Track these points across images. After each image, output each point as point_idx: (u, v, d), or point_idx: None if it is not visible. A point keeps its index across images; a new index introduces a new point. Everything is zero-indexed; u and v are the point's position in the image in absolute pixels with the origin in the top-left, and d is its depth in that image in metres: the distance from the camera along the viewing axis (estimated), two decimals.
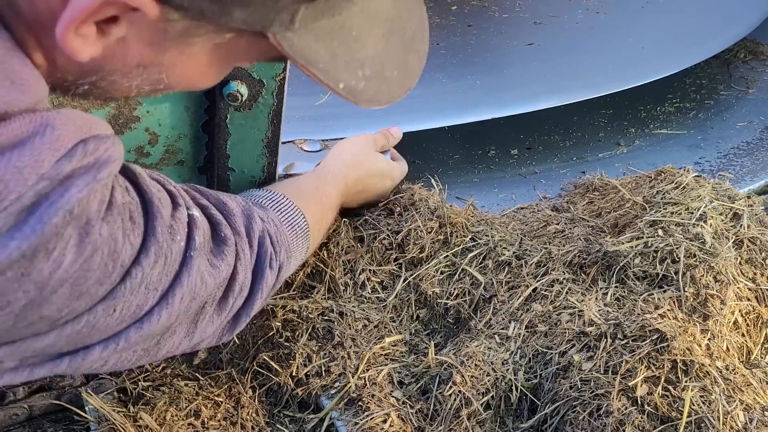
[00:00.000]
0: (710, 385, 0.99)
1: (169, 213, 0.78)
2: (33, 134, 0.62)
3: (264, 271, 0.95)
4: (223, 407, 1.16)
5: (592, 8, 2.14)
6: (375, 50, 0.71)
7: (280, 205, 1.08)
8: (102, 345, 0.76)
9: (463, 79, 1.74)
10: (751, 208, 1.26)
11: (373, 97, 0.73)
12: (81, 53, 0.62)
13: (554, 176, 1.63)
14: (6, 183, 0.60)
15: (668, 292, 1.12)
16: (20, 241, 0.62)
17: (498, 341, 1.13)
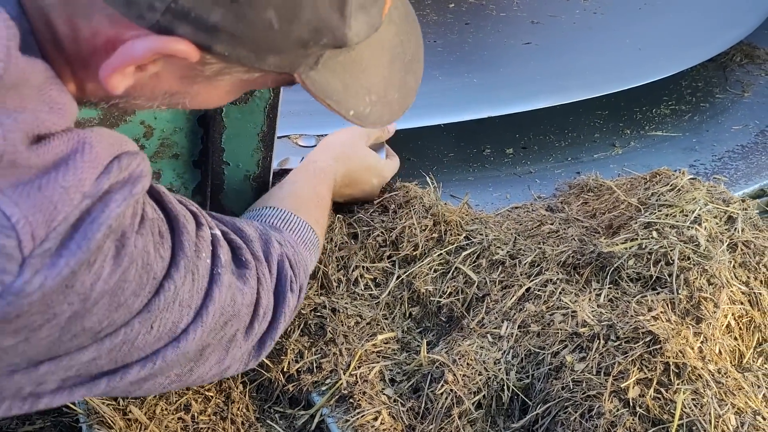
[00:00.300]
0: (702, 388, 0.99)
1: (194, 230, 0.80)
2: (73, 152, 0.65)
3: (285, 295, 0.96)
4: (213, 402, 1.16)
5: (589, 8, 2.14)
6: (380, 77, 0.77)
7: (292, 223, 1.09)
8: (140, 364, 0.78)
9: (460, 77, 1.74)
10: (745, 211, 1.26)
11: (377, 120, 0.78)
12: (118, 89, 0.66)
13: (549, 176, 1.63)
14: (55, 204, 0.63)
15: (662, 294, 1.12)
16: (68, 258, 0.64)
17: (490, 340, 1.13)
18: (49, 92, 0.64)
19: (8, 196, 0.61)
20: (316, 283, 1.24)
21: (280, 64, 0.68)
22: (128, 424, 1.10)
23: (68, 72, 0.68)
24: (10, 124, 0.60)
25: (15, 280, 0.62)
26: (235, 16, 0.62)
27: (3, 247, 0.61)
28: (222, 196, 1.22)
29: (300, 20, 0.64)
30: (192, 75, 0.68)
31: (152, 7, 0.60)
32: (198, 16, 0.61)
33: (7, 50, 0.59)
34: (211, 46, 0.63)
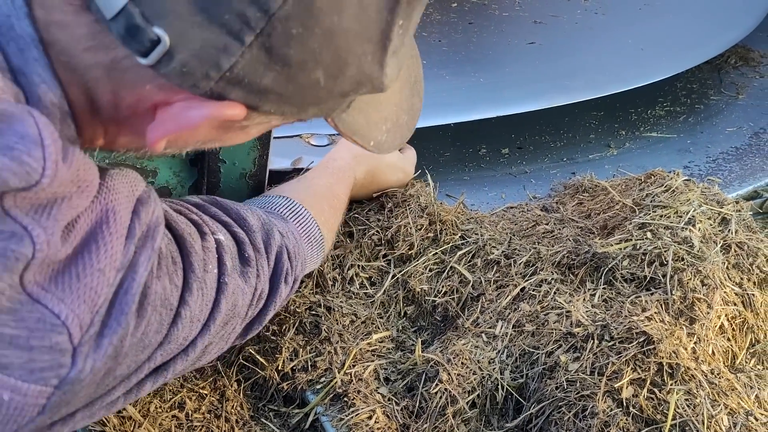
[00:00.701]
0: (695, 388, 1.00)
1: (200, 245, 0.82)
2: (99, 224, 0.67)
3: (279, 285, 0.97)
4: (207, 400, 1.15)
5: (590, 9, 2.15)
6: (394, 105, 0.79)
7: (299, 216, 1.10)
8: (152, 379, 0.80)
9: (467, 76, 1.75)
10: (739, 213, 1.27)
11: (391, 146, 0.81)
12: (159, 148, 0.68)
13: (544, 176, 1.63)
14: (95, 289, 0.65)
15: (656, 294, 1.12)
16: (110, 336, 0.67)
17: (485, 340, 1.13)
18: (78, 173, 0.65)
19: (52, 292, 0.63)
20: (311, 281, 1.24)
21: (318, 113, 0.71)
22: (122, 421, 1.10)
23: (101, 130, 0.69)
24: (52, 225, 0.62)
25: (70, 371, 0.64)
26: (286, 79, 0.63)
27: (57, 344, 0.63)
28: (218, 194, 1.22)
29: (345, 76, 0.66)
30: (229, 126, 0.68)
31: (207, 76, 0.61)
32: (251, 81, 0.62)
33: (55, 165, 0.61)
34: (260, 106, 0.65)
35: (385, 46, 0.66)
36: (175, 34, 0.60)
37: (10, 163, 0.58)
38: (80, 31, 0.62)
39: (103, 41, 0.62)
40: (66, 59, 0.63)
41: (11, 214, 0.59)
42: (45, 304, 0.62)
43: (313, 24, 0.61)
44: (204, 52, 0.60)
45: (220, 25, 0.59)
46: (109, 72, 0.64)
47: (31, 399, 0.63)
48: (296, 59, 0.62)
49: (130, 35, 0.60)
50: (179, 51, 0.60)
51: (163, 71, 0.61)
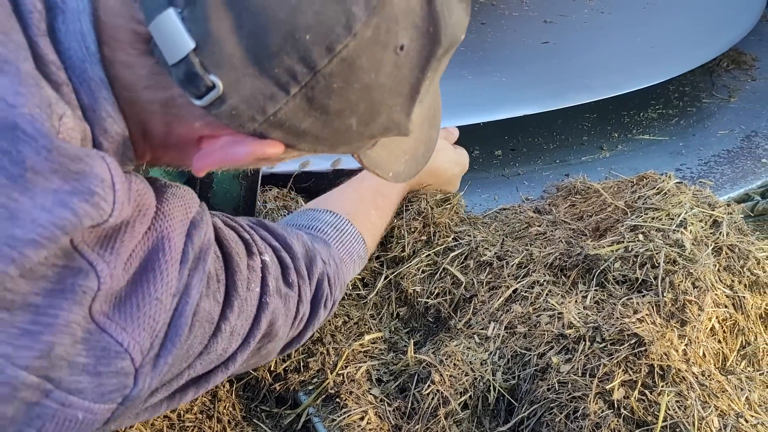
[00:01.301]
0: (686, 390, 1.00)
1: (246, 264, 0.86)
2: (155, 251, 0.72)
3: (319, 310, 1.01)
4: (199, 400, 1.15)
5: (596, 8, 2.17)
6: (414, 139, 0.85)
7: (343, 234, 1.13)
8: (194, 390, 0.84)
9: (488, 76, 1.77)
10: (730, 215, 1.27)
11: (407, 176, 0.88)
12: (203, 173, 0.75)
13: (537, 178, 1.64)
14: (154, 317, 0.71)
15: (647, 296, 1.12)
16: (166, 357, 0.73)
17: (477, 341, 1.13)
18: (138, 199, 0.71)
19: (116, 321, 0.68)
20: None
21: (347, 151, 0.77)
22: None
23: (150, 152, 0.76)
24: (114, 260, 0.67)
25: (132, 390, 0.71)
26: (323, 124, 0.70)
27: (121, 369, 0.69)
28: (211, 194, 1.22)
29: (375, 123, 0.73)
30: (267, 158, 0.74)
31: (253, 119, 0.68)
32: (291, 125, 0.69)
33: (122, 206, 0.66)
34: (296, 145, 0.72)
35: (414, 98, 0.73)
36: (228, 82, 0.66)
37: (90, 209, 0.63)
38: (142, 72, 0.68)
39: (162, 82, 0.68)
40: (128, 94, 0.69)
41: (80, 250, 0.65)
42: (110, 333, 0.68)
43: (354, 80, 0.67)
44: (252, 98, 0.66)
45: (269, 77, 0.65)
46: (164, 108, 0.70)
47: (99, 416, 0.70)
48: (334, 108, 0.69)
49: (188, 80, 0.66)
50: (230, 97, 0.66)
51: (213, 112, 0.67)
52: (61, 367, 0.65)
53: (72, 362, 0.66)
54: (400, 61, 0.68)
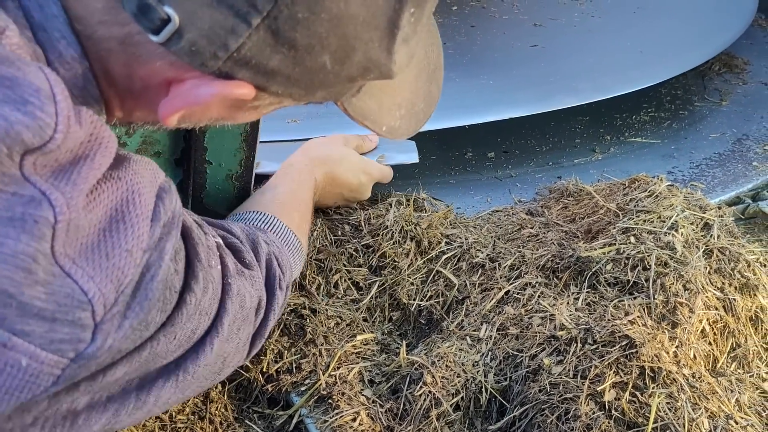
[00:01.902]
0: (677, 392, 1.01)
1: (204, 240, 0.81)
2: (124, 203, 0.67)
3: (275, 293, 0.97)
4: (191, 401, 1.15)
5: (587, 12, 2.17)
6: (409, 91, 0.80)
7: (275, 227, 1.10)
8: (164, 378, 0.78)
9: (476, 79, 1.77)
10: (721, 218, 1.28)
11: (405, 132, 0.82)
12: (174, 123, 0.69)
13: (530, 180, 1.64)
14: (122, 269, 0.65)
15: (638, 299, 1.13)
16: (131, 319, 0.67)
17: (469, 343, 1.14)
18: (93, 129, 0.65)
19: (83, 268, 0.63)
20: (295, 285, 1.24)
21: (327, 96, 0.72)
22: None
23: (117, 102, 0.71)
24: (70, 190, 0.62)
25: (88, 346, 0.65)
26: (293, 62, 0.65)
27: (79, 320, 0.63)
28: (204, 195, 1.21)
29: (351, 61, 0.67)
30: (240, 105, 0.70)
31: (215, 56, 0.63)
32: (258, 62, 0.64)
33: (67, 120, 0.61)
34: (268, 87, 0.67)
35: (393, 34, 0.67)
36: (184, 14, 0.61)
37: (24, 118, 0.58)
38: (96, 5, 0.64)
39: (118, 17, 0.64)
40: (81, 27, 0.64)
41: (30, 179, 0.60)
42: (76, 279, 0.63)
43: (320, 9, 0.62)
44: (212, 32, 0.62)
45: (228, 7, 0.61)
46: (123, 46, 0.65)
47: (46, 368, 0.63)
48: (302, 43, 0.64)
49: (142, 13, 0.62)
50: (188, 30, 0.62)
51: (173, 49, 0.63)
52: (7, 304, 0.60)
53: (23, 303, 0.60)
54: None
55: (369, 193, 1.37)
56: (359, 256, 1.29)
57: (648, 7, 2.21)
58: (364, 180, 1.35)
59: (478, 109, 1.63)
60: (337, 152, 1.33)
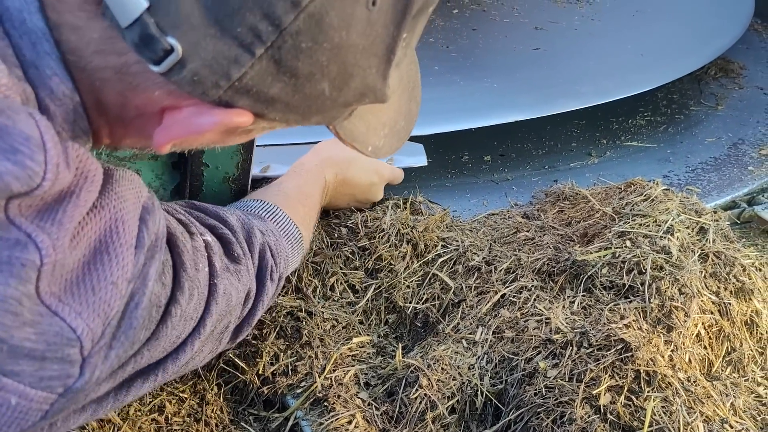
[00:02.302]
0: (672, 396, 1.01)
1: (190, 245, 0.81)
2: (108, 234, 0.66)
3: (265, 283, 0.98)
4: (187, 403, 1.15)
5: (587, 15, 2.18)
6: (392, 111, 0.80)
7: (275, 216, 1.10)
8: (142, 379, 0.79)
9: (480, 82, 1.77)
10: (717, 222, 1.28)
11: (388, 150, 0.82)
12: (166, 150, 0.68)
13: (526, 184, 1.64)
14: (108, 302, 0.65)
15: (634, 302, 1.13)
16: (117, 349, 0.68)
17: (465, 346, 1.14)
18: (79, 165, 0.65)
19: (69, 305, 0.63)
20: (291, 287, 1.25)
21: (321, 121, 0.72)
22: (101, 425, 1.10)
23: (107, 131, 0.70)
24: (56, 231, 0.61)
25: (76, 381, 0.65)
26: (293, 89, 0.65)
27: (68, 356, 0.64)
28: (200, 198, 1.22)
29: (349, 87, 0.67)
30: (234, 131, 0.70)
31: (217, 85, 0.63)
32: (259, 90, 0.64)
33: (56, 168, 0.61)
34: (266, 114, 0.67)
35: (389, 60, 0.68)
36: (188, 45, 0.61)
37: (13, 168, 0.58)
38: (92, 36, 0.63)
39: (115, 46, 0.63)
40: (74, 59, 0.64)
41: (15, 222, 0.60)
42: (63, 317, 0.63)
43: (323, 39, 0.62)
44: (215, 62, 0.61)
45: (232, 38, 0.61)
46: (119, 75, 0.64)
47: (35, 404, 0.64)
48: (304, 71, 0.64)
49: (144, 44, 0.61)
50: (191, 60, 0.61)
51: (173, 79, 0.62)
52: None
53: (14, 345, 0.60)
54: (373, 17, 0.63)
55: (381, 194, 1.38)
56: (356, 259, 1.29)
57: (647, 10, 2.21)
58: (376, 181, 1.36)
59: (483, 112, 1.64)
60: (348, 154, 1.33)
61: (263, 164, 1.37)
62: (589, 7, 2.24)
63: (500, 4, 2.23)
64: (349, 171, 1.31)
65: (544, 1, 2.27)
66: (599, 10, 2.21)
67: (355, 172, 1.32)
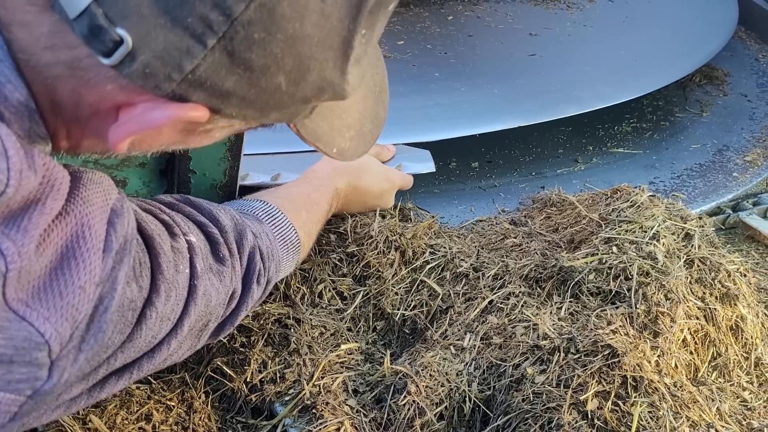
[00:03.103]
0: (658, 401, 1.02)
1: (169, 246, 0.82)
2: (75, 239, 0.67)
3: (251, 285, 0.98)
4: (174, 412, 1.15)
5: (578, 21, 2.20)
6: (357, 113, 0.80)
7: (275, 219, 1.11)
8: (116, 377, 0.80)
9: (481, 88, 1.78)
10: (702, 228, 1.29)
11: (354, 153, 0.82)
12: (124, 149, 0.68)
13: (513, 190, 1.65)
14: (76, 306, 0.66)
15: (620, 308, 1.14)
16: (86, 352, 0.69)
17: (453, 352, 1.14)
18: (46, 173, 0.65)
19: (37, 310, 0.64)
20: (279, 294, 1.24)
21: (281, 118, 0.71)
22: None
23: (64, 133, 0.69)
24: (21, 238, 0.62)
25: (45, 383, 0.66)
26: (248, 83, 0.64)
27: (36, 359, 0.65)
28: None
29: (306, 82, 0.67)
30: (192, 129, 0.69)
31: (169, 78, 0.62)
32: (213, 84, 0.63)
33: (19, 175, 0.61)
34: (222, 109, 0.66)
35: (347, 54, 0.67)
36: (137, 36, 0.60)
37: None
38: (42, 30, 0.62)
39: (65, 40, 0.62)
40: (26, 57, 0.63)
41: None
42: (31, 322, 0.64)
43: (276, 30, 0.61)
44: (166, 54, 0.61)
45: (183, 28, 0.60)
46: (71, 70, 0.63)
47: (3, 406, 0.65)
48: (258, 64, 0.63)
49: (93, 35, 0.60)
50: (142, 52, 0.60)
51: (125, 72, 0.61)
52: None
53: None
54: (327, 9, 0.63)
55: (392, 201, 1.39)
56: (344, 266, 1.30)
57: (635, 16, 2.24)
58: (387, 188, 1.37)
59: (488, 118, 1.65)
60: (360, 162, 1.35)
61: (274, 172, 1.37)
62: (579, 13, 2.26)
63: (493, 10, 2.25)
64: (362, 179, 1.32)
65: (536, 7, 2.29)
66: (590, 17, 2.24)
67: (366, 180, 1.33)
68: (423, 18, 2.18)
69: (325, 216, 1.26)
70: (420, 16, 2.19)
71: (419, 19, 2.17)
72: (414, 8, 2.22)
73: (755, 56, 2.38)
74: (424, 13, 2.21)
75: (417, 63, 1.88)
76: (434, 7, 2.24)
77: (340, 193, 1.29)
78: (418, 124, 1.59)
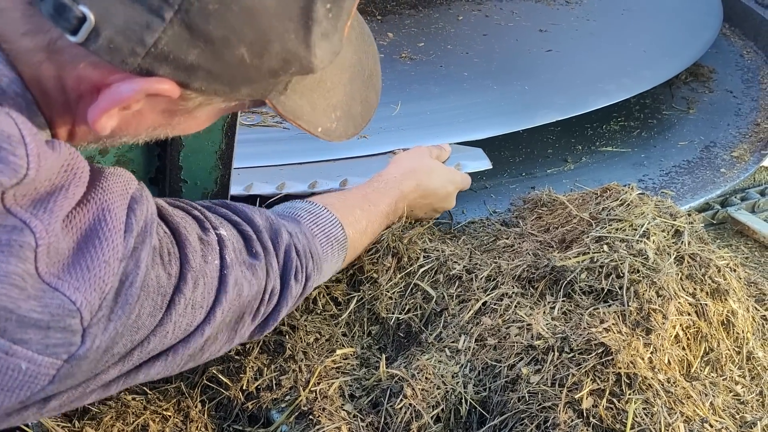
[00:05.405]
0: (653, 397, 1.02)
1: (197, 238, 0.86)
2: (97, 221, 0.72)
3: (289, 282, 1.01)
4: (171, 422, 1.15)
5: (581, 16, 2.23)
6: (344, 94, 0.82)
7: (318, 217, 1.13)
8: (150, 363, 0.84)
9: (512, 85, 1.82)
10: (691, 225, 1.30)
11: (343, 134, 0.85)
12: (105, 129, 0.72)
13: (504, 191, 1.66)
14: (103, 278, 0.71)
15: (613, 306, 1.15)
16: (116, 321, 0.74)
17: (448, 354, 1.15)
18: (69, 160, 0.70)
19: (67, 281, 0.69)
20: None
21: (253, 93, 0.74)
22: None
23: (59, 120, 0.74)
24: (48, 218, 0.67)
25: (79, 348, 0.71)
26: (211, 55, 0.67)
27: (69, 326, 0.70)
28: None
29: (270, 54, 0.69)
30: (173, 109, 0.73)
31: (134, 52, 0.65)
32: (176, 57, 0.67)
33: (38, 158, 0.66)
34: (190, 83, 0.69)
35: (308, 26, 0.69)
36: (99, 12, 0.64)
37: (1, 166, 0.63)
38: (15, 15, 0.66)
39: (38, 24, 0.66)
40: (8, 47, 0.67)
41: (12, 211, 0.65)
42: (63, 292, 0.69)
43: (230, 1, 0.65)
44: (128, 28, 0.64)
45: (140, 3, 0.63)
46: (49, 54, 0.67)
47: (43, 369, 0.70)
48: (217, 35, 0.66)
49: (58, 13, 0.64)
50: (104, 28, 0.64)
51: (92, 48, 0.65)
52: (8, 318, 0.66)
53: (21, 316, 0.67)
54: None
55: (454, 201, 1.42)
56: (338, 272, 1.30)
57: (632, 9, 2.27)
58: (451, 189, 1.39)
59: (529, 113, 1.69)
60: (426, 164, 1.37)
61: (341, 178, 1.40)
62: (579, 8, 2.28)
63: (499, 8, 2.27)
64: (428, 181, 1.34)
65: (537, 4, 2.31)
66: (590, 11, 2.27)
67: (433, 182, 1.36)
68: (435, 19, 2.20)
69: (385, 216, 1.28)
70: (431, 18, 2.21)
71: (431, 20, 2.19)
72: (423, 9, 2.25)
73: (740, 53, 2.41)
74: (434, 14, 2.23)
75: (443, 63, 1.92)
76: (442, 8, 2.27)
77: (407, 195, 1.31)
78: (463, 123, 1.64)
